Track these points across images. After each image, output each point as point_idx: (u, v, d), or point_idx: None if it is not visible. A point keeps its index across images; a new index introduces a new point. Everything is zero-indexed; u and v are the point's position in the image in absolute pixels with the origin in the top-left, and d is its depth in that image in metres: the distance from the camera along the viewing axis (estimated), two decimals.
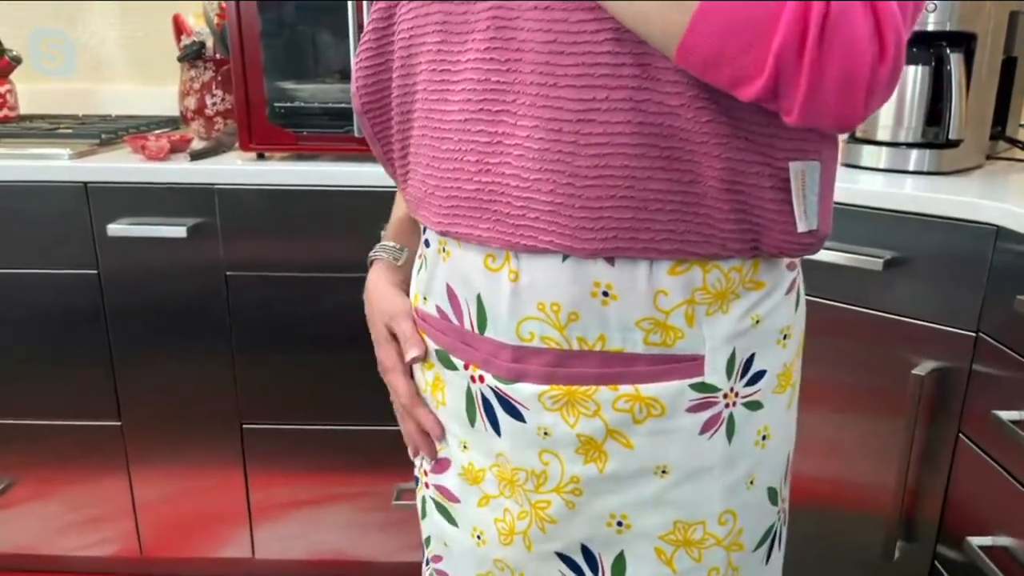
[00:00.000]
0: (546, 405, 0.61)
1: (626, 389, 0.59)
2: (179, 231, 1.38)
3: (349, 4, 1.34)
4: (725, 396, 0.61)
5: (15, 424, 1.52)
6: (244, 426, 1.51)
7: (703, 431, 0.61)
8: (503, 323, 0.61)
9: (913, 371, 1.15)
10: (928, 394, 1.15)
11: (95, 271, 1.42)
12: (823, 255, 1.19)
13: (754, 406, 0.62)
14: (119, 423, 1.51)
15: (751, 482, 0.64)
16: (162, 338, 1.46)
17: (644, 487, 0.62)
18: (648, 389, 0.59)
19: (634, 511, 0.63)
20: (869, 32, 0.44)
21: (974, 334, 1.11)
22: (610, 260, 0.57)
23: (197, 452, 1.53)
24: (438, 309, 0.67)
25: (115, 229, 1.37)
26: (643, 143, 0.53)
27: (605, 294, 0.58)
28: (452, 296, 0.65)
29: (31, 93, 1.83)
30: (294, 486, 1.55)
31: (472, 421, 0.66)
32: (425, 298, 0.69)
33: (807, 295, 0.70)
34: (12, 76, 1.73)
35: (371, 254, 0.78)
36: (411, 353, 0.69)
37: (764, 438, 0.64)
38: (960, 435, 1.15)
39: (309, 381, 1.48)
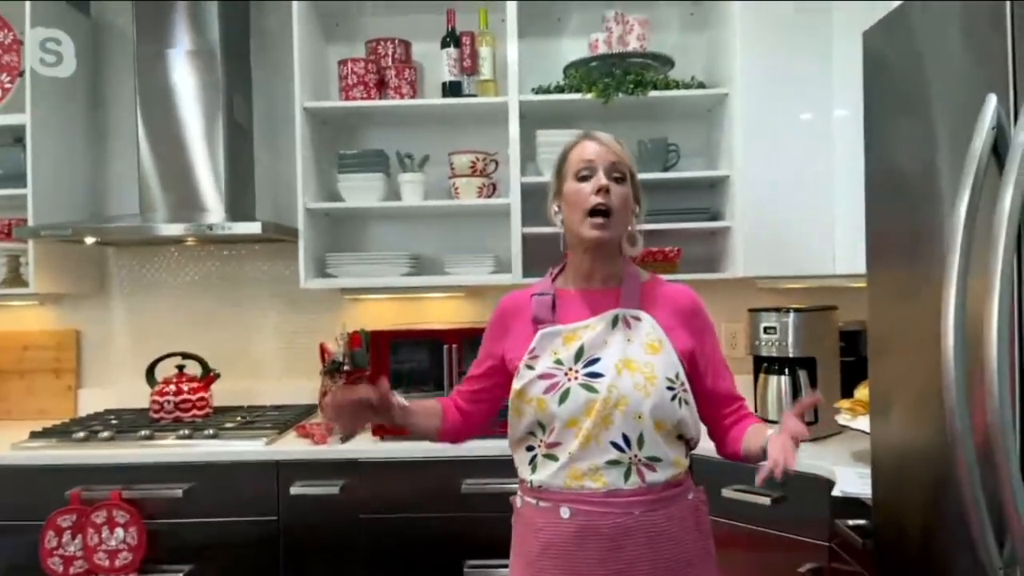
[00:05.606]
0: None
1: None
2: (334, 489, 2.16)
3: (445, 347, 2.25)
4: None
5: None
6: None
7: None
8: None
9: (798, 569, 1.88)
10: None
11: (275, 518, 2.18)
12: (735, 495, 1.97)
13: None
14: None
15: None
16: (315, 564, 2.17)
17: None
18: None
19: None
20: None
21: (828, 544, 1.86)
22: None
23: None
24: None
25: (295, 490, 2.16)
26: None
27: None
28: None
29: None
30: None
31: None
32: None
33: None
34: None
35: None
36: None
37: None
38: None
39: None
